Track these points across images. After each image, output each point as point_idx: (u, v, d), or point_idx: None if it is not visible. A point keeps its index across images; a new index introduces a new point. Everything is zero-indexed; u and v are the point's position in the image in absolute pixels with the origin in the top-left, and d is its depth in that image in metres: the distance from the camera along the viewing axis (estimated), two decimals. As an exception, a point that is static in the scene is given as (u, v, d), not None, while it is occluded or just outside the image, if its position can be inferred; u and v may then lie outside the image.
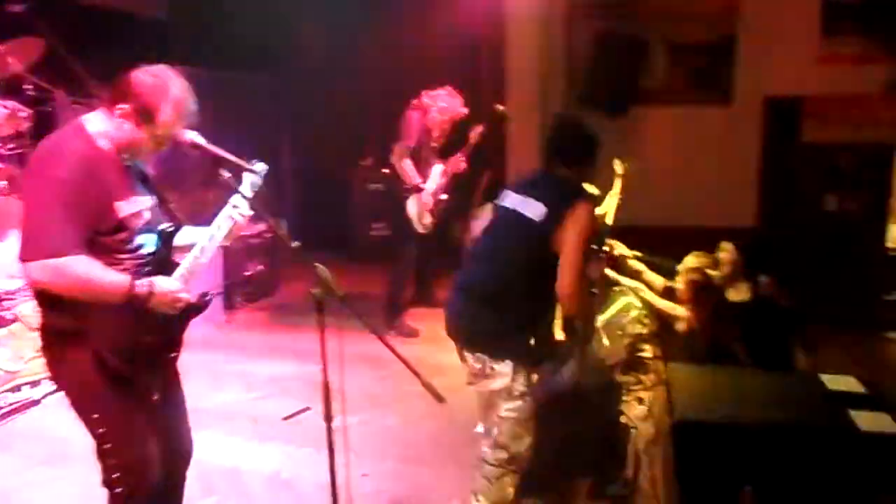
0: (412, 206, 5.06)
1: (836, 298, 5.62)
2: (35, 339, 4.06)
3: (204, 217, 2.29)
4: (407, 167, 5.01)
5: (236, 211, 2.24)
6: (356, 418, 3.45)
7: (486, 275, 2.64)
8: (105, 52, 5.93)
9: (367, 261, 7.02)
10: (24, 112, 4.60)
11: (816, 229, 6.03)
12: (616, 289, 3.68)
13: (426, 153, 5.12)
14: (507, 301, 2.56)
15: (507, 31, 5.90)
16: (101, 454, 2.15)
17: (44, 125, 4.90)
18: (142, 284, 2.03)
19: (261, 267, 5.98)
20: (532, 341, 2.60)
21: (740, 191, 5.84)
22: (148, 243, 2.17)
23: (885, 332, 5.94)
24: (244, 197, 2.17)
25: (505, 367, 2.54)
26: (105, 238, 2.04)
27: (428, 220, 5.13)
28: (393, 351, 1.97)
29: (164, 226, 2.20)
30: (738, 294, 3.77)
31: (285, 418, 3.81)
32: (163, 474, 2.24)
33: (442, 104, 5.07)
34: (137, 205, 2.12)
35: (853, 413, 2.99)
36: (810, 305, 4.59)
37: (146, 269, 2.13)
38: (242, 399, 4.11)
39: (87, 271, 1.95)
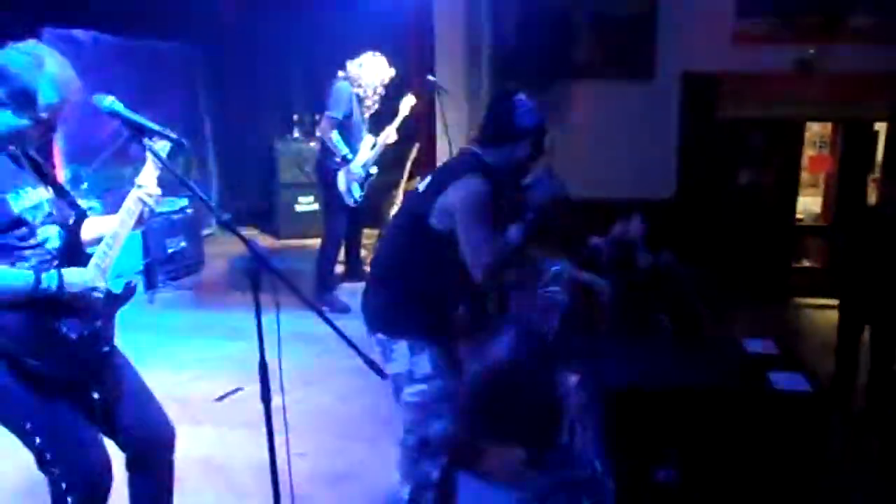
0: (342, 179, 4.97)
1: (750, 268, 5.93)
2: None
3: (122, 194, 2.17)
4: (336, 139, 4.90)
5: (143, 191, 2.12)
6: (290, 397, 3.38)
7: (379, 252, 2.64)
8: (3, 10, 5.55)
9: (295, 235, 6.91)
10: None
11: (731, 202, 6.31)
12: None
13: (356, 124, 5.01)
14: (395, 276, 2.49)
15: (435, 4, 5.82)
16: (43, 466, 2.03)
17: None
18: (49, 278, 1.93)
19: (183, 244, 5.75)
20: (430, 318, 2.47)
21: (661, 164, 6.02)
22: (52, 237, 2.05)
23: (795, 297, 6.32)
24: (167, 166, 2.05)
25: (401, 348, 2.44)
26: (4, 236, 1.92)
27: (358, 192, 5.06)
28: (333, 327, 1.93)
29: (67, 216, 2.10)
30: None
31: (217, 399, 3.71)
32: (139, 466, 2.23)
33: (368, 70, 4.96)
34: (33, 198, 1.99)
35: (771, 374, 3.17)
36: (725, 275, 4.83)
37: (54, 263, 2.02)
38: (170, 381, 3.96)
39: None
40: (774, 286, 5.89)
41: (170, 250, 5.60)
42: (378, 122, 5.23)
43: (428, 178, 2.53)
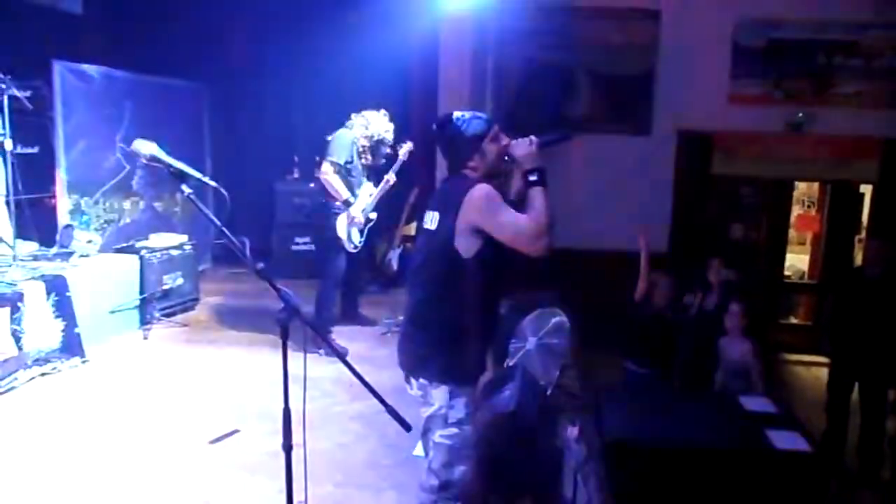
0: (341, 224, 5.04)
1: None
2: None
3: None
4: (336, 183, 4.99)
5: None
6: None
7: (412, 297, 2.63)
8: (16, 44, 5.63)
9: (289, 276, 6.89)
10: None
11: (722, 256, 6.43)
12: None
13: (355, 171, 5.12)
14: (432, 320, 2.52)
15: (440, 53, 5.97)
16: None
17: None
18: None
19: (180, 280, 5.74)
20: (468, 360, 2.52)
21: (656, 218, 6.13)
22: None
23: (782, 353, 6.40)
24: (203, 211, 2.06)
25: (441, 392, 2.49)
26: None
27: (357, 237, 5.12)
28: (359, 377, 1.96)
29: None
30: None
31: (212, 442, 3.67)
32: None
33: (372, 125, 5.13)
34: None
35: (769, 432, 3.22)
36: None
37: None
38: (165, 419, 3.92)
39: None
40: (762, 342, 5.97)
41: (166, 286, 5.58)
42: (377, 170, 5.33)
43: (431, 214, 2.57)
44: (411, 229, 6.69)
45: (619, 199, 6.11)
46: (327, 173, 4.98)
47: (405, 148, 5.27)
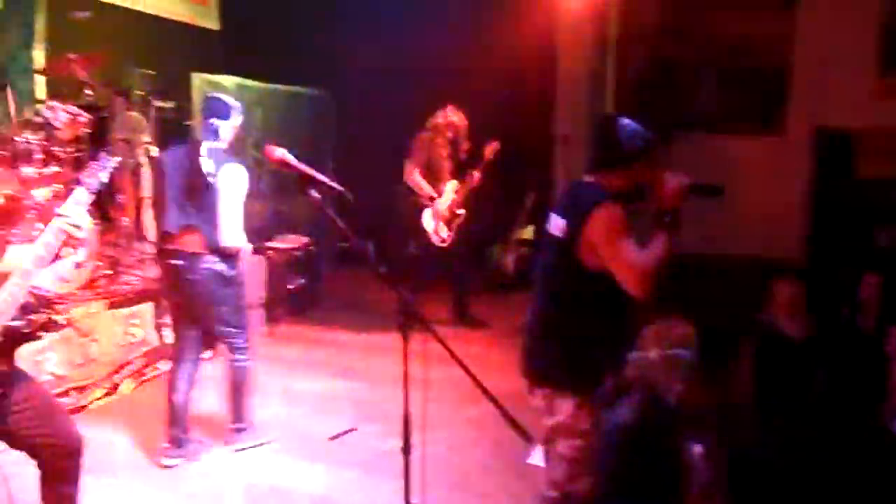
0: (427, 218, 5.30)
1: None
2: (86, 345, 4.14)
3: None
4: (419, 181, 5.30)
5: (65, 221, 2.11)
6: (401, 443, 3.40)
7: (535, 304, 2.57)
8: (162, 60, 6.09)
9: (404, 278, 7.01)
10: (84, 117, 4.66)
11: (867, 264, 5.89)
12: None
13: (438, 169, 5.38)
14: (559, 329, 2.46)
15: (558, 51, 5.89)
16: None
17: (101, 130, 5.00)
18: None
19: (302, 280, 5.98)
20: (597, 371, 2.47)
21: (787, 222, 5.73)
22: None
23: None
24: (329, 214, 2.09)
25: (567, 403, 2.43)
26: None
27: (444, 232, 5.30)
28: (485, 392, 1.94)
29: None
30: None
31: (331, 438, 3.78)
32: (46, 472, 2.28)
33: (441, 121, 5.39)
34: None
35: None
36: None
37: None
38: (286, 415, 4.09)
39: None
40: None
41: (290, 286, 5.83)
42: (464, 168, 5.49)
43: (557, 219, 2.48)
44: (528, 232, 6.64)
45: (746, 203, 5.76)
46: (410, 174, 5.31)
47: (491, 148, 5.36)
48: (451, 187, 5.38)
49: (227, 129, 3.46)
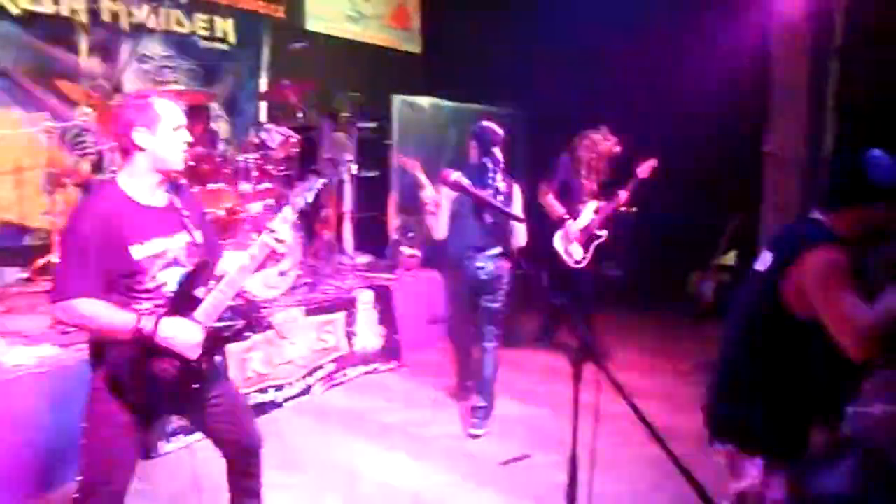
0: (558, 240, 5.13)
1: None
2: (284, 347, 4.47)
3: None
4: (551, 201, 5.16)
5: (272, 236, 2.26)
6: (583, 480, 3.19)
7: (725, 345, 2.27)
8: (366, 83, 6.51)
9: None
10: (295, 138, 5.08)
11: None
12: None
13: (577, 190, 5.20)
14: (751, 378, 2.16)
15: (772, 62, 5.33)
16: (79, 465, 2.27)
17: (310, 150, 5.43)
18: (148, 322, 2.12)
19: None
20: (791, 430, 2.12)
21: None
22: (171, 281, 2.24)
23: None
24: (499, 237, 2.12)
25: (755, 465, 2.12)
26: (124, 278, 2.17)
27: (579, 253, 5.12)
28: (655, 435, 1.76)
29: (189, 263, 2.27)
30: None
31: (503, 463, 3.70)
32: (233, 466, 2.51)
33: (588, 143, 5.19)
34: (157, 246, 2.21)
35: None
36: None
37: (163, 306, 2.21)
38: (459, 434, 4.08)
39: (92, 311, 2.11)
40: None
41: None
42: (610, 187, 5.24)
43: (766, 254, 2.19)
44: (730, 258, 6.11)
45: None
46: (543, 195, 5.20)
47: (646, 165, 5.06)
48: (591, 207, 5.20)
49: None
